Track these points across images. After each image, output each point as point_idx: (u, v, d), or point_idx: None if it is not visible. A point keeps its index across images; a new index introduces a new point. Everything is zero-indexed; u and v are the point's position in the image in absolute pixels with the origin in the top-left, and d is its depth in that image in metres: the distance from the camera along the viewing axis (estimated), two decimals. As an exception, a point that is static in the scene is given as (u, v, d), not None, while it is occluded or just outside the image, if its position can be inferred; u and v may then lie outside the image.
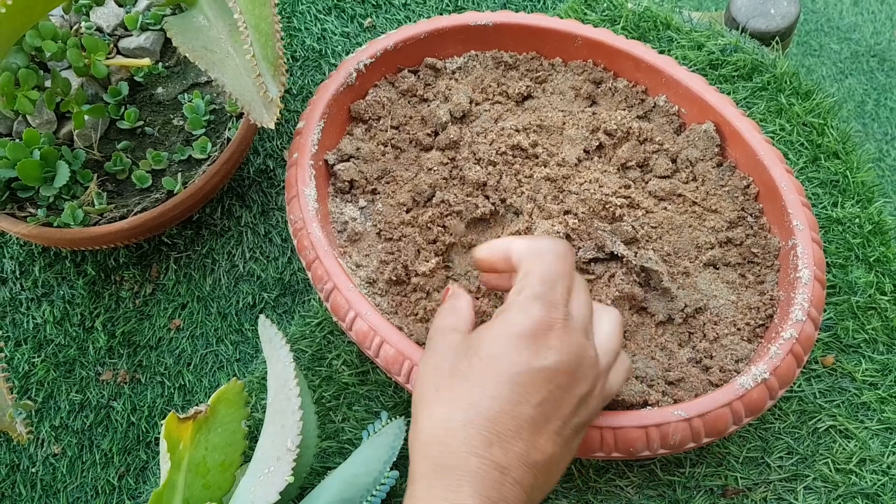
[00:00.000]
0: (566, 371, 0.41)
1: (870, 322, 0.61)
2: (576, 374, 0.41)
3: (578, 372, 0.42)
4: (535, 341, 0.41)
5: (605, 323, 0.46)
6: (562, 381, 0.41)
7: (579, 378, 0.42)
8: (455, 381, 0.42)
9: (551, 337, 0.41)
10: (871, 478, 0.56)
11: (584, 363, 0.42)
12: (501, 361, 0.41)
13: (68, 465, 0.63)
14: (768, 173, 0.56)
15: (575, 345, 0.42)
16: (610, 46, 0.63)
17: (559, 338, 0.41)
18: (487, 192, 0.58)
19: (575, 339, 0.42)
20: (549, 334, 0.41)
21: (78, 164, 0.64)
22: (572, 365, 0.41)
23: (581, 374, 0.42)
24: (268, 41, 0.51)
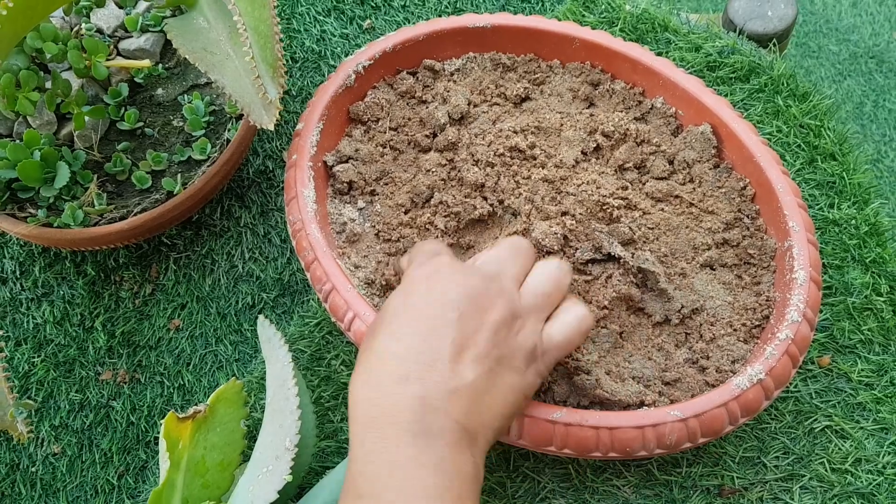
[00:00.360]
0: (466, 300, 0.43)
1: (866, 323, 0.61)
2: (479, 303, 0.43)
3: (485, 298, 0.43)
4: (428, 282, 0.44)
5: (538, 271, 0.47)
6: (465, 310, 0.42)
7: (487, 305, 0.43)
8: (369, 341, 0.44)
9: (443, 274, 0.44)
10: (867, 478, 0.56)
11: (490, 290, 0.44)
12: (404, 306, 0.43)
13: (68, 465, 0.63)
14: (765, 175, 0.56)
15: (479, 276, 0.44)
16: (607, 48, 0.64)
17: (449, 275, 0.44)
18: (485, 193, 0.58)
19: (479, 273, 0.45)
20: (440, 273, 0.45)
21: (78, 164, 0.64)
22: (472, 293, 0.43)
23: (488, 303, 0.43)
24: (267, 43, 0.51)
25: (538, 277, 0.47)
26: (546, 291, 0.46)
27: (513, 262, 0.47)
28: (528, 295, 0.46)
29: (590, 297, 0.53)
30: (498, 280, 0.45)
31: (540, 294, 0.46)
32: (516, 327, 0.44)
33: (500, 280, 0.45)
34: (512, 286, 0.45)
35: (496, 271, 0.46)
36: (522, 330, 0.44)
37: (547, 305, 0.46)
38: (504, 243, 0.48)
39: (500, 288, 0.44)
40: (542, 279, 0.47)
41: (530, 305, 0.45)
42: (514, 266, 0.47)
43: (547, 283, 0.47)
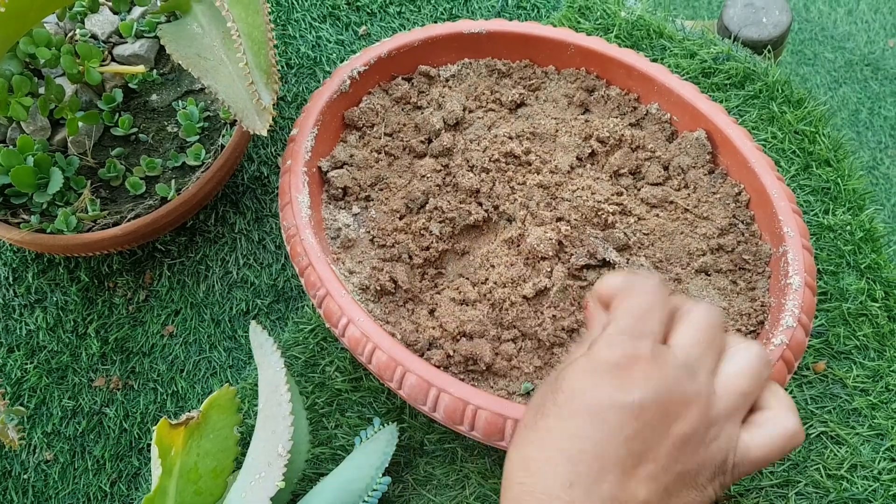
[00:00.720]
0: (655, 406, 0.36)
1: (861, 328, 0.61)
2: (668, 409, 0.36)
3: (672, 407, 0.37)
4: (618, 375, 0.37)
5: (735, 362, 0.39)
6: (650, 419, 0.36)
7: (674, 415, 0.37)
8: (539, 419, 0.38)
9: (636, 370, 0.37)
10: (863, 484, 0.56)
11: (679, 398, 0.37)
12: (584, 396, 0.37)
13: (60, 472, 0.62)
14: (759, 180, 0.56)
15: (665, 377, 0.37)
16: (603, 54, 0.64)
17: (644, 371, 0.37)
18: (480, 198, 0.58)
19: (666, 372, 0.37)
20: (633, 367, 0.37)
21: (72, 170, 0.64)
22: (662, 399, 0.36)
23: (676, 411, 0.37)
24: (261, 49, 0.51)
25: (737, 370, 0.39)
26: (745, 391, 0.38)
27: (711, 350, 0.39)
28: (725, 394, 0.38)
29: (585, 304, 0.53)
30: (694, 379, 0.38)
31: (739, 394, 0.38)
32: (709, 437, 0.37)
33: (697, 379, 0.38)
34: (710, 386, 0.38)
35: (694, 366, 0.38)
36: (715, 441, 0.37)
37: (745, 407, 0.39)
38: (702, 321, 0.40)
39: (695, 391, 0.37)
40: (741, 373, 0.39)
41: (728, 409, 0.38)
42: (712, 355, 0.39)
43: (747, 380, 0.39)
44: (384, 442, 0.55)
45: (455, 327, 0.53)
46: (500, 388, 0.51)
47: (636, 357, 0.37)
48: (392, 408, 0.59)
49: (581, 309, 0.53)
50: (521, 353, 0.53)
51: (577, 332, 0.53)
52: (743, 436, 0.38)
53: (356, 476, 0.53)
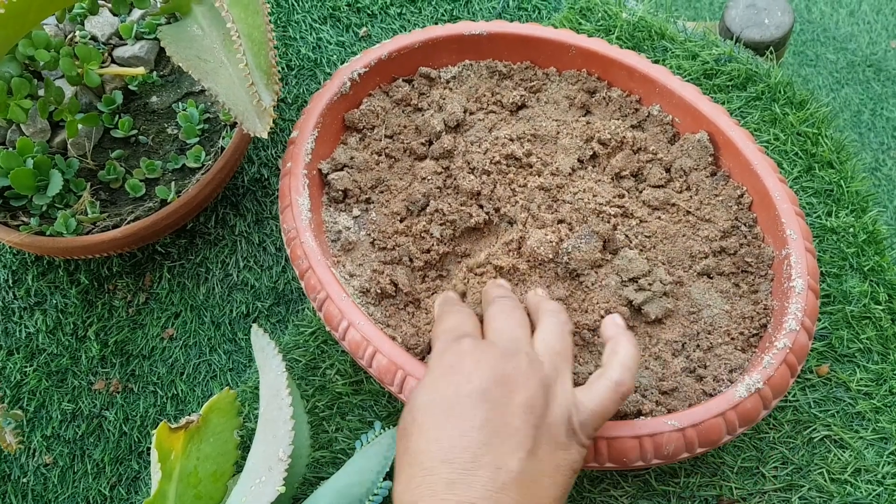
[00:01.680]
0: (494, 385, 0.41)
1: (864, 331, 0.60)
2: (506, 384, 0.41)
3: (508, 382, 0.41)
4: (453, 374, 0.42)
5: (541, 328, 0.46)
6: (494, 396, 0.40)
7: (513, 387, 0.41)
8: (407, 444, 0.42)
9: (465, 363, 0.42)
10: (867, 488, 0.55)
11: (510, 372, 0.41)
12: (433, 404, 0.41)
13: (60, 475, 0.62)
14: (762, 183, 0.56)
15: (491, 359, 0.42)
16: (604, 56, 0.64)
17: (472, 361, 0.42)
18: (481, 201, 0.58)
19: (490, 355, 0.42)
20: (462, 362, 0.43)
21: (71, 172, 0.63)
22: (497, 377, 0.41)
23: (514, 382, 0.41)
24: (261, 50, 0.51)
25: (544, 335, 0.45)
26: (557, 349, 0.44)
27: (518, 324, 0.45)
28: (545, 357, 0.43)
29: (585, 306, 0.53)
30: (518, 353, 0.43)
31: (555, 353, 0.44)
32: (549, 398, 0.42)
33: (520, 352, 0.43)
34: (532, 354, 0.43)
35: (513, 343, 0.44)
36: (555, 400, 0.42)
37: (566, 363, 0.44)
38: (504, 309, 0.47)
39: (520, 361, 0.42)
40: (549, 336, 0.45)
41: (551, 369, 0.43)
42: (522, 328, 0.45)
43: (555, 339, 0.45)
44: (385, 446, 0.55)
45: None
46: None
47: (461, 353, 0.43)
48: (393, 411, 0.59)
49: (582, 312, 0.53)
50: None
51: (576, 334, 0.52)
52: (577, 393, 0.43)
53: (357, 480, 0.53)
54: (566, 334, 0.45)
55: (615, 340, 0.45)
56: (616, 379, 0.43)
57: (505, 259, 0.54)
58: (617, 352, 0.44)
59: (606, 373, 0.44)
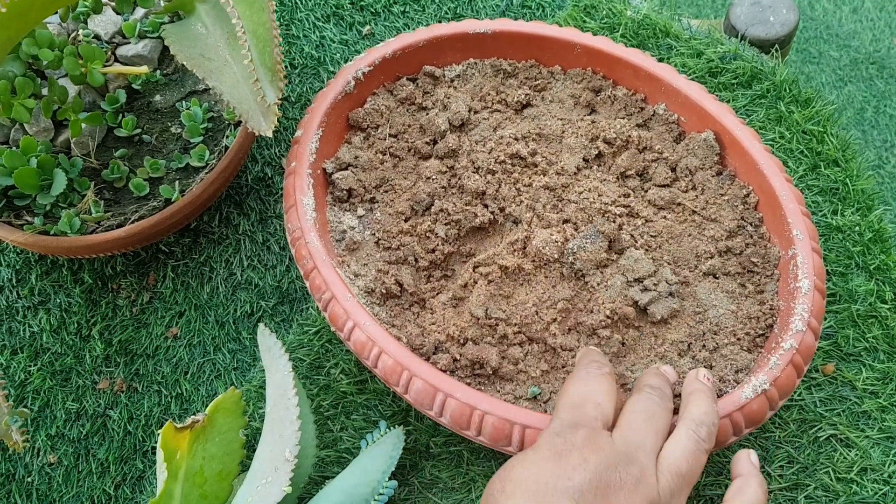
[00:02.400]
0: (594, 489, 0.39)
1: (870, 330, 0.60)
2: (608, 492, 0.39)
3: (611, 490, 0.39)
4: (558, 462, 0.40)
5: (674, 442, 0.42)
6: (591, 500, 0.38)
7: (614, 497, 0.39)
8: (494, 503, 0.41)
9: (573, 456, 0.40)
10: (873, 487, 0.55)
11: (617, 480, 0.39)
12: (528, 484, 0.40)
13: (64, 475, 0.62)
14: (768, 182, 0.56)
15: (602, 460, 0.40)
16: (609, 54, 0.63)
17: (581, 455, 0.40)
18: (486, 200, 0.58)
19: (603, 455, 0.40)
20: (571, 453, 0.40)
21: (75, 172, 0.63)
22: (601, 482, 0.39)
23: (616, 492, 0.39)
24: (266, 47, 0.50)
25: (676, 452, 0.42)
26: (683, 472, 0.41)
27: (654, 431, 0.42)
28: (666, 475, 0.40)
29: (590, 307, 0.53)
30: (632, 463, 0.40)
31: (678, 475, 0.41)
32: None
33: (636, 461, 0.40)
34: (651, 468, 0.40)
35: (634, 449, 0.41)
36: None
37: (685, 488, 0.41)
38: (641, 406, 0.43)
39: (634, 472, 0.40)
40: (680, 453, 0.41)
41: (668, 490, 0.40)
42: (655, 435, 0.42)
43: (685, 462, 0.41)
44: (390, 445, 0.55)
45: (461, 331, 0.52)
46: (506, 393, 0.51)
47: (573, 443, 0.41)
48: (398, 410, 0.59)
49: (587, 312, 0.53)
50: (528, 357, 0.52)
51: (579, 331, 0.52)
52: None
53: (362, 480, 0.53)
54: (700, 454, 0.42)
55: (746, 478, 0.43)
56: None
57: (510, 259, 0.54)
58: (744, 492, 0.42)
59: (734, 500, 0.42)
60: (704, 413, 0.44)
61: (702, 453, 0.42)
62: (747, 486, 0.42)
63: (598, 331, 0.52)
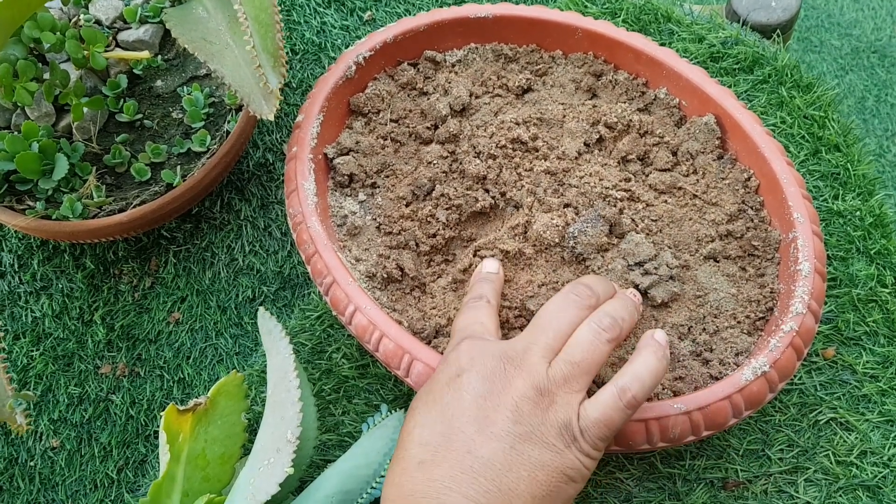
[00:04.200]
0: (488, 377, 0.42)
1: (871, 314, 0.60)
2: (500, 378, 0.42)
3: (503, 376, 0.42)
4: (448, 364, 0.44)
5: (575, 336, 0.44)
6: (484, 388, 0.42)
7: (507, 382, 0.42)
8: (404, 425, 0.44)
9: (476, 357, 0.43)
10: (872, 470, 0.55)
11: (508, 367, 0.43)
12: (426, 392, 0.44)
13: (67, 459, 0.63)
14: (769, 166, 0.56)
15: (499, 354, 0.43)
16: (610, 39, 0.63)
17: (469, 355, 0.44)
18: (487, 185, 0.58)
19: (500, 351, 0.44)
20: (460, 356, 0.44)
21: (77, 156, 0.63)
22: (495, 370, 0.42)
23: (508, 378, 0.42)
24: (268, 32, 0.50)
25: (572, 342, 0.44)
26: (576, 360, 0.43)
27: (551, 328, 0.44)
28: (559, 363, 0.43)
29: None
30: (522, 355, 0.43)
31: (570, 363, 0.43)
32: (544, 402, 0.41)
33: (526, 354, 0.43)
34: (538, 360, 0.43)
35: (524, 346, 0.44)
36: (552, 405, 0.42)
37: (579, 375, 0.42)
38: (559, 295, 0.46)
39: (521, 364, 0.43)
40: (576, 347, 0.43)
41: (559, 377, 0.42)
42: (549, 333, 0.44)
43: (578, 350, 0.43)
44: (391, 428, 0.55)
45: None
46: (508, 375, 0.51)
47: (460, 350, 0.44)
48: (399, 394, 0.59)
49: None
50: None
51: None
52: (586, 402, 0.42)
53: (363, 462, 0.53)
54: (598, 343, 0.43)
55: (637, 352, 0.45)
56: (622, 385, 0.43)
57: (511, 243, 0.54)
58: (633, 361, 0.44)
59: (616, 380, 0.43)
60: (613, 308, 0.45)
61: (601, 343, 0.43)
62: (637, 356, 0.44)
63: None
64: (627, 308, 0.46)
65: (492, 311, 0.49)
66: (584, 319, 0.45)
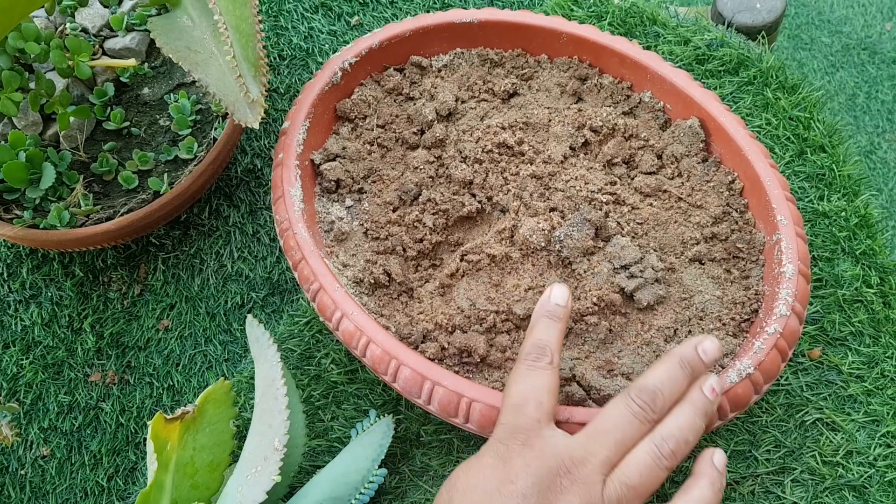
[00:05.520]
0: (537, 493, 0.40)
1: (856, 315, 0.61)
2: (552, 493, 0.40)
3: (557, 490, 0.40)
4: (502, 467, 0.41)
5: (633, 455, 0.42)
6: (528, 494, 0.40)
7: (555, 493, 0.40)
8: None
9: (516, 460, 0.41)
10: (858, 470, 0.56)
11: (560, 486, 0.40)
12: (474, 490, 0.41)
13: (57, 467, 0.63)
14: (753, 168, 0.56)
15: (545, 464, 0.41)
16: (595, 43, 0.63)
17: (524, 458, 0.41)
18: (474, 190, 0.58)
19: (546, 460, 0.41)
20: (514, 458, 0.41)
21: (64, 165, 0.64)
22: (543, 486, 0.40)
23: (561, 494, 0.40)
24: (248, 41, 0.51)
25: (630, 463, 0.42)
26: (632, 484, 0.41)
27: (612, 440, 0.42)
28: (615, 483, 0.41)
29: (577, 294, 0.53)
30: (580, 468, 0.41)
31: (626, 486, 0.41)
32: None
33: (583, 468, 0.41)
34: (595, 476, 0.41)
35: (582, 455, 0.41)
36: None
37: (633, 499, 0.41)
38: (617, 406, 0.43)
39: (577, 478, 0.41)
40: (633, 467, 0.41)
41: (613, 500, 0.40)
42: (612, 446, 0.42)
43: (636, 475, 0.41)
44: (380, 434, 0.55)
45: (448, 319, 0.53)
46: (494, 380, 0.51)
47: (514, 449, 0.42)
48: (388, 399, 0.59)
49: (574, 299, 0.53)
50: (516, 345, 0.53)
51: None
52: None
53: (353, 468, 0.53)
54: (657, 469, 0.41)
55: (695, 479, 0.43)
56: None
57: (497, 247, 0.55)
58: (689, 489, 0.42)
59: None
60: (678, 427, 0.43)
61: (660, 469, 0.41)
62: (694, 486, 0.42)
63: (585, 317, 0.53)
64: (693, 426, 0.43)
65: (554, 378, 0.45)
66: (645, 433, 0.43)
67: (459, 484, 0.42)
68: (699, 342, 0.45)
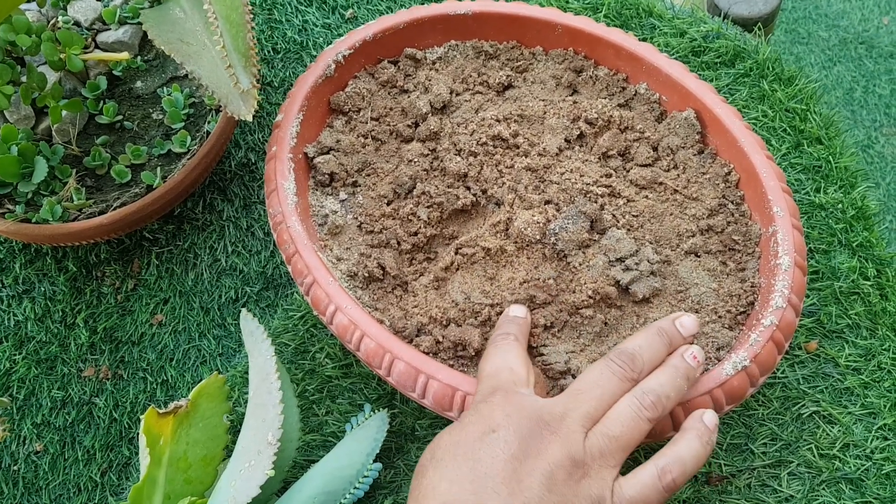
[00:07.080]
0: (522, 439, 0.41)
1: (853, 307, 0.61)
2: (535, 442, 0.41)
3: (538, 440, 0.41)
4: (483, 421, 0.42)
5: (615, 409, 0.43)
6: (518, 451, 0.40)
7: (541, 447, 0.41)
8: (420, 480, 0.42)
9: (496, 412, 0.42)
10: (855, 463, 0.56)
11: (544, 432, 0.41)
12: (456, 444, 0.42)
13: (50, 463, 0.62)
14: (749, 160, 0.56)
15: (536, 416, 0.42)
16: (590, 34, 0.63)
17: (504, 410, 0.42)
18: (468, 182, 0.58)
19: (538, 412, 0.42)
20: (494, 411, 0.42)
21: (56, 159, 0.63)
22: (530, 432, 0.41)
23: (543, 443, 0.41)
24: (238, 32, 0.50)
25: (612, 415, 0.42)
26: (615, 434, 0.42)
27: (593, 396, 0.43)
28: (597, 435, 0.42)
29: (573, 287, 0.53)
30: (560, 420, 0.42)
31: (608, 437, 0.41)
32: (577, 474, 0.40)
33: (564, 420, 0.42)
34: (576, 427, 0.41)
35: (562, 410, 0.42)
36: (585, 477, 0.40)
37: (616, 450, 0.41)
38: (597, 368, 0.44)
39: (558, 429, 0.41)
40: (615, 419, 0.42)
41: (595, 450, 0.41)
42: (594, 401, 0.43)
43: (618, 426, 0.42)
44: (375, 428, 0.55)
45: (443, 313, 0.52)
46: (489, 373, 0.51)
47: (494, 404, 0.42)
48: (383, 394, 0.59)
49: (570, 292, 0.53)
50: (511, 338, 0.52)
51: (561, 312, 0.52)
52: (622, 479, 0.41)
53: (347, 463, 0.53)
54: (638, 421, 0.42)
55: (682, 432, 0.44)
56: (662, 467, 0.42)
57: (492, 241, 0.54)
58: (677, 442, 0.43)
59: (656, 460, 0.42)
60: (659, 384, 0.44)
61: (641, 420, 0.42)
62: (681, 438, 0.43)
63: (580, 310, 0.52)
64: (675, 384, 0.44)
65: (521, 351, 0.47)
66: (626, 392, 0.43)
67: (441, 442, 0.43)
68: (676, 317, 0.47)
